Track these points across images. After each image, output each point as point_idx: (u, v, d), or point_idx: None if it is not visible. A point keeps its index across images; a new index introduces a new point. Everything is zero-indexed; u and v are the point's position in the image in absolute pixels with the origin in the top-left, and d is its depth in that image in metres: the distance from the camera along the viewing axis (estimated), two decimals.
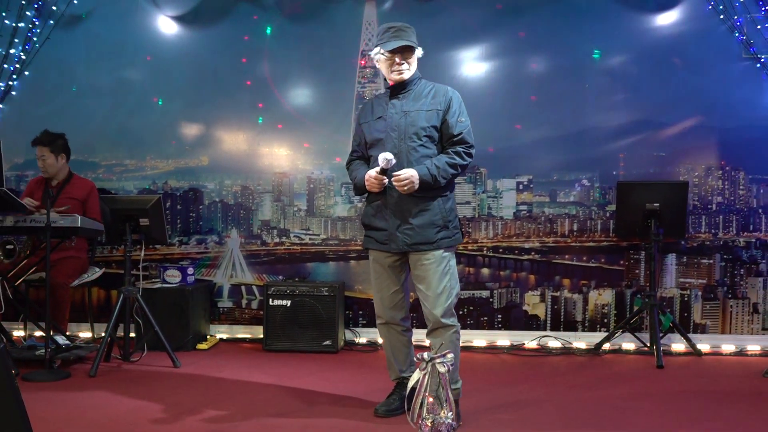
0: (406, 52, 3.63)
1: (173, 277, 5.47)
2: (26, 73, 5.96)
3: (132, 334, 4.96)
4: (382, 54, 3.63)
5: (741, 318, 5.54)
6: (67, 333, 5.06)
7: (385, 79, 3.79)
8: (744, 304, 5.54)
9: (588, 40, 5.61)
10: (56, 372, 4.46)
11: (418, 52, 3.68)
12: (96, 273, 5.38)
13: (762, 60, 5.40)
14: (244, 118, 5.92)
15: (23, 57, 5.89)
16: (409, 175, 3.50)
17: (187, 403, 3.95)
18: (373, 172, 3.55)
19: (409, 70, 3.66)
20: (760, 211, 5.57)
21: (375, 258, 3.76)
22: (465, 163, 3.63)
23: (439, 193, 3.61)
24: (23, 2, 5.76)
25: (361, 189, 3.69)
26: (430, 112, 3.63)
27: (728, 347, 5.41)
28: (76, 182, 5.29)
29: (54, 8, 5.70)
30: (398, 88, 3.71)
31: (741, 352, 5.34)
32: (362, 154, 3.84)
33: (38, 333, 5.01)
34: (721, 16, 5.40)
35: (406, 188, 3.50)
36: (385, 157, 3.47)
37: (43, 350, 4.46)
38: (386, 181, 3.54)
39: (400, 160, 3.57)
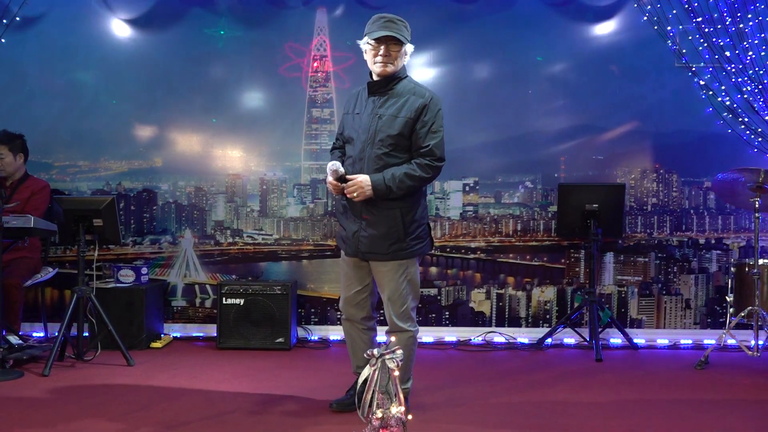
0: (392, 44, 3.45)
1: (127, 276, 5.49)
2: None
3: (86, 334, 4.95)
4: (368, 43, 3.48)
5: (674, 313, 5.77)
6: (20, 333, 5.05)
7: (370, 73, 3.61)
8: (677, 300, 5.77)
9: (531, 49, 5.78)
10: (9, 372, 4.45)
11: (407, 48, 3.50)
12: (49, 273, 5.38)
13: (693, 69, 5.62)
14: (198, 121, 5.94)
15: None
16: (359, 181, 3.44)
17: (141, 401, 3.98)
18: (330, 178, 3.52)
19: (392, 65, 3.48)
20: (692, 212, 5.81)
21: (342, 256, 3.75)
22: (427, 176, 3.50)
23: (399, 204, 3.51)
24: None
25: None
26: (401, 119, 3.47)
27: (663, 341, 5.62)
28: (29, 182, 5.30)
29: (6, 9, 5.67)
30: (377, 85, 3.55)
31: (674, 346, 5.56)
32: (342, 145, 3.74)
33: None
34: (656, 27, 5.60)
35: (355, 195, 3.46)
36: (330, 168, 3.47)
37: None
38: (344, 186, 3.51)
39: (363, 164, 3.52)
